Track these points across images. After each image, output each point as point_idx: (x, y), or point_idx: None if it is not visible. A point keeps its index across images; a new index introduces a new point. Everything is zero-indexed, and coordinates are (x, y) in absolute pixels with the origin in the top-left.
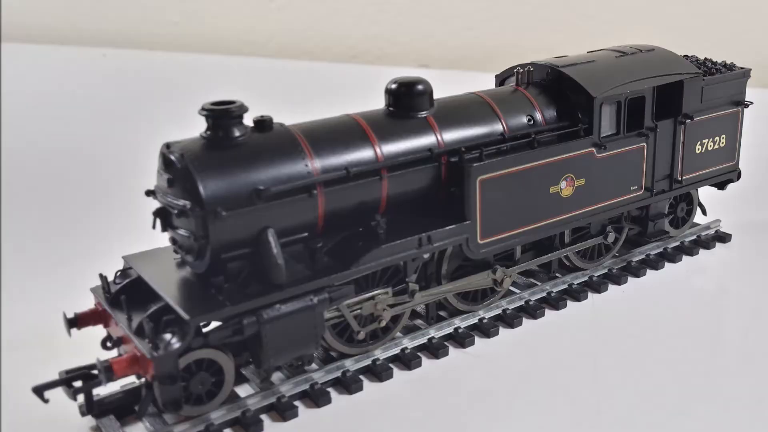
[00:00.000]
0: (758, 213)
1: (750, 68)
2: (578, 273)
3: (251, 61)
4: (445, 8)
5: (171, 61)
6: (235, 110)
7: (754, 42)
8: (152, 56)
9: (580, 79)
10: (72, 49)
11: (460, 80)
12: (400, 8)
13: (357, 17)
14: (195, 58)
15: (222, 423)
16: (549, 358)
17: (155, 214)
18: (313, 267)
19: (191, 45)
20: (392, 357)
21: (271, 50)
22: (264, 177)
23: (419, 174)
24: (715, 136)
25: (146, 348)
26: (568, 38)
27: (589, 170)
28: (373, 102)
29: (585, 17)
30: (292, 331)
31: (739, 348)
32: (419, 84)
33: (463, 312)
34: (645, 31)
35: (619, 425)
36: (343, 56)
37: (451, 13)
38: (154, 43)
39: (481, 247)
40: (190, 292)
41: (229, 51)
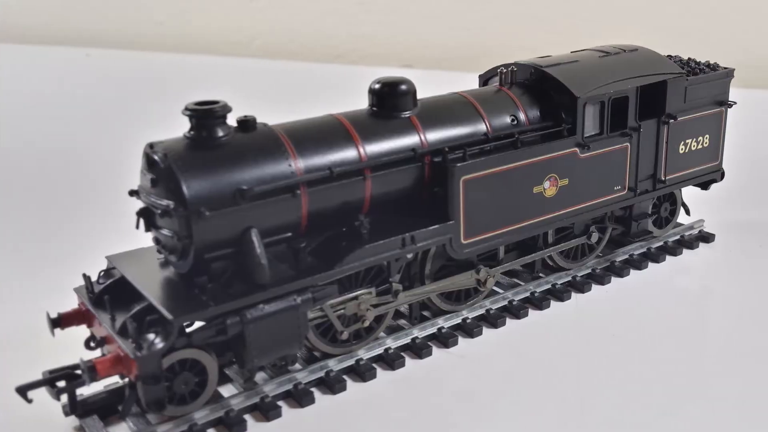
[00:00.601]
0: (742, 213)
1: (733, 68)
2: (562, 273)
3: (235, 61)
4: (429, 8)
5: (155, 61)
6: (218, 110)
7: (737, 42)
8: (136, 56)
9: (564, 79)
10: (55, 49)
11: (443, 80)
12: (383, 8)
13: (341, 17)
14: (179, 58)
15: (205, 423)
16: (533, 358)
17: (139, 214)
18: (297, 267)
19: (175, 45)
20: (376, 357)
21: (255, 50)
22: (247, 177)
23: (403, 174)
24: (699, 136)
25: (130, 348)
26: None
27: (572, 170)
28: (357, 102)
29: (569, 17)
30: (275, 331)
31: (723, 348)
32: (402, 84)
33: (446, 312)
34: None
35: (604, 425)
36: (327, 56)
37: (434, 14)
38: (139, 43)
39: (465, 247)
40: (174, 292)
41: (213, 51)
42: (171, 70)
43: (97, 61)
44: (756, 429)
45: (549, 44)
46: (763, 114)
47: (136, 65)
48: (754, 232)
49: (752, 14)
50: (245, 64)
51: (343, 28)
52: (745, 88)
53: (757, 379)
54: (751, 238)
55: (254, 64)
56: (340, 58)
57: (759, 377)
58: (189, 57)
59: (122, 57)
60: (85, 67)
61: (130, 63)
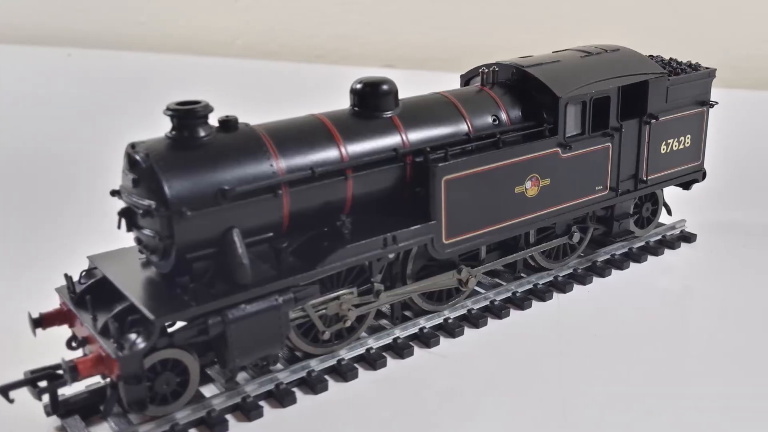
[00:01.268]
0: (723, 213)
1: (715, 68)
2: (543, 273)
3: (217, 61)
4: (411, 8)
5: (136, 61)
6: (200, 110)
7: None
8: (118, 56)
9: (545, 79)
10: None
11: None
12: (365, 8)
13: (322, 17)
14: (160, 57)
15: (187, 423)
16: (515, 358)
17: (120, 214)
18: (279, 267)
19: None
20: (357, 357)
21: (236, 50)
22: (229, 177)
23: (384, 174)
24: (680, 136)
25: (111, 348)
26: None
27: (554, 170)
28: (339, 102)
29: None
30: (257, 331)
31: (705, 348)
32: (384, 84)
33: (428, 312)
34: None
35: (586, 425)
36: (309, 56)
37: (416, 13)
38: (120, 43)
39: (446, 247)
40: (155, 292)
41: (194, 51)
42: (152, 70)
43: (78, 60)
44: (737, 428)
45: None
46: (745, 114)
47: (117, 65)
48: (736, 232)
49: (733, 14)
50: (227, 64)
51: (324, 28)
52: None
53: (738, 378)
54: (733, 238)
55: (236, 64)
56: (321, 58)
57: (740, 377)
58: (170, 57)
59: (104, 57)
60: (66, 67)
61: (111, 63)
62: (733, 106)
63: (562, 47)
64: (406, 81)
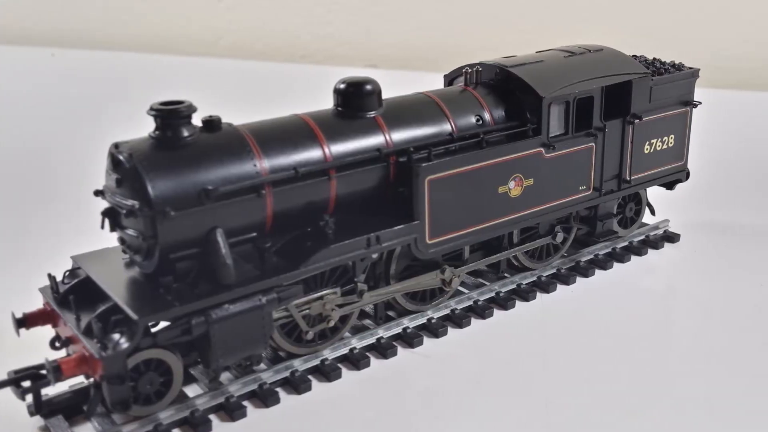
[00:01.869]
0: (707, 213)
1: (698, 68)
2: (527, 273)
3: (200, 61)
4: (395, 8)
5: (120, 61)
6: (183, 110)
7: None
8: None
9: (529, 79)
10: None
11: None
12: (349, 8)
13: (306, 17)
14: (144, 57)
15: (170, 423)
16: (498, 358)
17: (104, 214)
18: (262, 267)
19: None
20: (341, 357)
21: (220, 50)
22: (212, 177)
23: (368, 174)
24: (664, 136)
25: (95, 348)
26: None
27: (537, 170)
28: (322, 102)
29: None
30: (240, 331)
31: (688, 348)
32: (367, 84)
33: (411, 312)
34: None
35: (569, 425)
36: (292, 56)
37: (400, 14)
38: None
39: (430, 247)
40: (139, 292)
41: (178, 51)
42: (136, 70)
43: (62, 60)
44: (721, 428)
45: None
46: (728, 114)
47: (101, 65)
48: (719, 232)
49: (717, 14)
50: (211, 64)
51: (308, 28)
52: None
53: (721, 378)
54: (716, 238)
55: (219, 64)
56: (305, 58)
57: (723, 377)
58: (154, 57)
59: (87, 57)
60: (50, 67)
61: (95, 63)
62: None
63: (545, 47)
64: (390, 81)
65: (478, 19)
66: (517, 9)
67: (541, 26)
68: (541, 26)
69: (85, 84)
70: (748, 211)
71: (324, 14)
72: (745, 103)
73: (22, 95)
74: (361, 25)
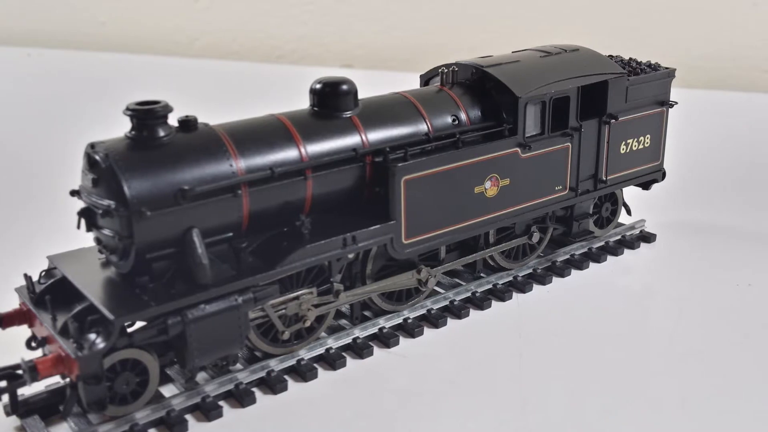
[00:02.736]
0: (683, 213)
1: (675, 68)
2: (503, 273)
3: (176, 62)
4: (370, 9)
5: (96, 61)
6: (159, 110)
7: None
8: (77, 56)
9: (505, 79)
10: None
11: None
12: (325, 8)
13: (282, 17)
14: (120, 58)
15: (146, 423)
16: (474, 358)
17: (80, 214)
18: (238, 267)
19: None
20: (317, 357)
21: (196, 50)
22: (189, 177)
23: (344, 174)
24: (640, 136)
25: (71, 348)
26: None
27: (513, 170)
28: (298, 102)
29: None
30: (216, 331)
31: (664, 348)
32: (344, 84)
33: (387, 312)
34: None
35: (546, 425)
36: (268, 56)
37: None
38: (80, 43)
39: (406, 247)
40: (115, 292)
41: (154, 51)
42: (112, 70)
43: (38, 60)
44: (696, 428)
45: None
46: (704, 114)
47: (77, 65)
48: (695, 231)
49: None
50: (187, 64)
51: (284, 28)
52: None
53: (696, 378)
54: (693, 238)
55: (196, 64)
56: (281, 59)
57: (698, 376)
58: (130, 57)
59: (63, 57)
60: (26, 67)
61: (71, 63)
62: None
63: (521, 47)
64: (366, 81)
65: (454, 19)
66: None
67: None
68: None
69: (61, 84)
70: (724, 211)
71: (299, 14)
72: (721, 103)
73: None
74: (336, 25)
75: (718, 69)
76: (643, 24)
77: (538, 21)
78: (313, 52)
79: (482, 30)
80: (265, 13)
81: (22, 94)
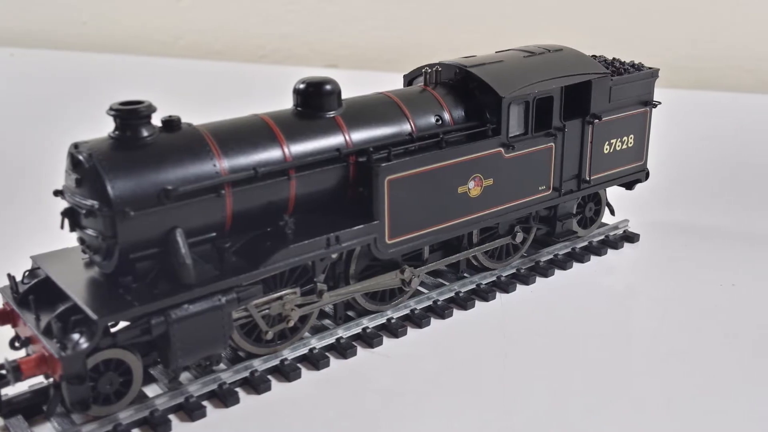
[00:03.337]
0: (666, 213)
1: (658, 68)
2: (486, 273)
3: (159, 61)
4: (354, 9)
5: (79, 61)
6: (143, 110)
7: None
8: (61, 56)
9: (488, 80)
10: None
11: (368, 80)
12: (308, 8)
13: (266, 17)
14: (103, 57)
15: (130, 423)
16: (458, 358)
17: (63, 214)
18: (222, 267)
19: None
20: (300, 357)
21: (179, 50)
22: (172, 177)
23: (327, 174)
24: (624, 136)
25: (54, 348)
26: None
27: (497, 170)
28: (282, 102)
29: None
30: (200, 331)
31: (647, 347)
32: (327, 84)
33: (371, 312)
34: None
35: (529, 425)
36: (252, 56)
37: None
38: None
39: (390, 247)
40: (99, 292)
41: (137, 51)
42: (96, 70)
43: (21, 60)
44: (679, 427)
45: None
46: (689, 114)
47: (60, 65)
48: (679, 231)
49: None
50: (170, 64)
51: (267, 27)
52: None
53: (679, 377)
54: (676, 238)
55: (179, 64)
56: (264, 58)
57: (682, 376)
58: (113, 57)
59: (47, 57)
60: (9, 67)
61: (54, 63)
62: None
63: (505, 47)
64: (350, 81)
65: (437, 19)
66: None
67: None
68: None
69: (44, 84)
70: (707, 211)
71: (283, 14)
72: (705, 103)
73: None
74: (320, 25)
75: (702, 69)
76: (627, 24)
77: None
78: (297, 51)
79: (466, 30)
80: (249, 13)
81: (5, 94)
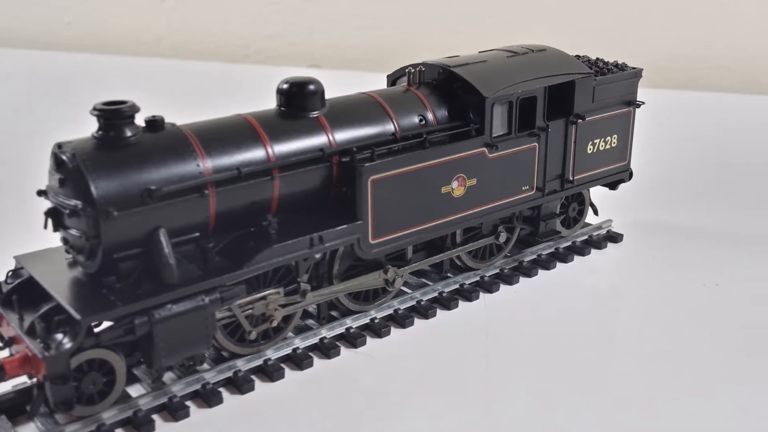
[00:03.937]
0: (649, 213)
1: (642, 68)
2: (470, 273)
3: (143, 61)
4: (337, 9)
5: (63, 61)
6: (126, 110)
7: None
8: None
9: (472, 79)
10: None
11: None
12: (292, 8)
13: (249, 17)
14: (88, 58)
15: (113, 423)
16: (441, 358)
17: (47, 214)
18: (205, 267)
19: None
20: (284, 357)
21: (162, 50)
22: (155, 177)
23: (311, 174)
24: (607, 136)
25: (38, 348)
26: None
27: (480, 170)
28: (265, 102)
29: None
30: (183, 331)
31: (631, 347)
32: (310, 84)
33: (354, 312)
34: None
35: (513, 425)
36: (235, 56)
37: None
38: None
39: (373, 247)
40: (82, 292)
41: (120, 51)
42: (79, 70)
43: (4, 60)
44: (663, 427)
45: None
46: (672, 114)
47: (43, 65)
48: (662, 231)
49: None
50: (153, 64)
51: (251, 28)
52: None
53: (664, 377)
54: (659, 238)
55: (162, 64)
56: (247, 58)
57: (666, 376)
58: (97, 57)
59: (30, 57)
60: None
61: (37, 63)
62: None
63: (488, 47)
64: (333, 81)
65: (421, 19)
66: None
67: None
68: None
69: (27, 84)
70: (691, 211)
71: (267, 14)
72: (688, 103)
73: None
74: (303, 25)
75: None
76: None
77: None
78: (281, 52)
79: (450, 30)
80: (232, 13)
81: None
